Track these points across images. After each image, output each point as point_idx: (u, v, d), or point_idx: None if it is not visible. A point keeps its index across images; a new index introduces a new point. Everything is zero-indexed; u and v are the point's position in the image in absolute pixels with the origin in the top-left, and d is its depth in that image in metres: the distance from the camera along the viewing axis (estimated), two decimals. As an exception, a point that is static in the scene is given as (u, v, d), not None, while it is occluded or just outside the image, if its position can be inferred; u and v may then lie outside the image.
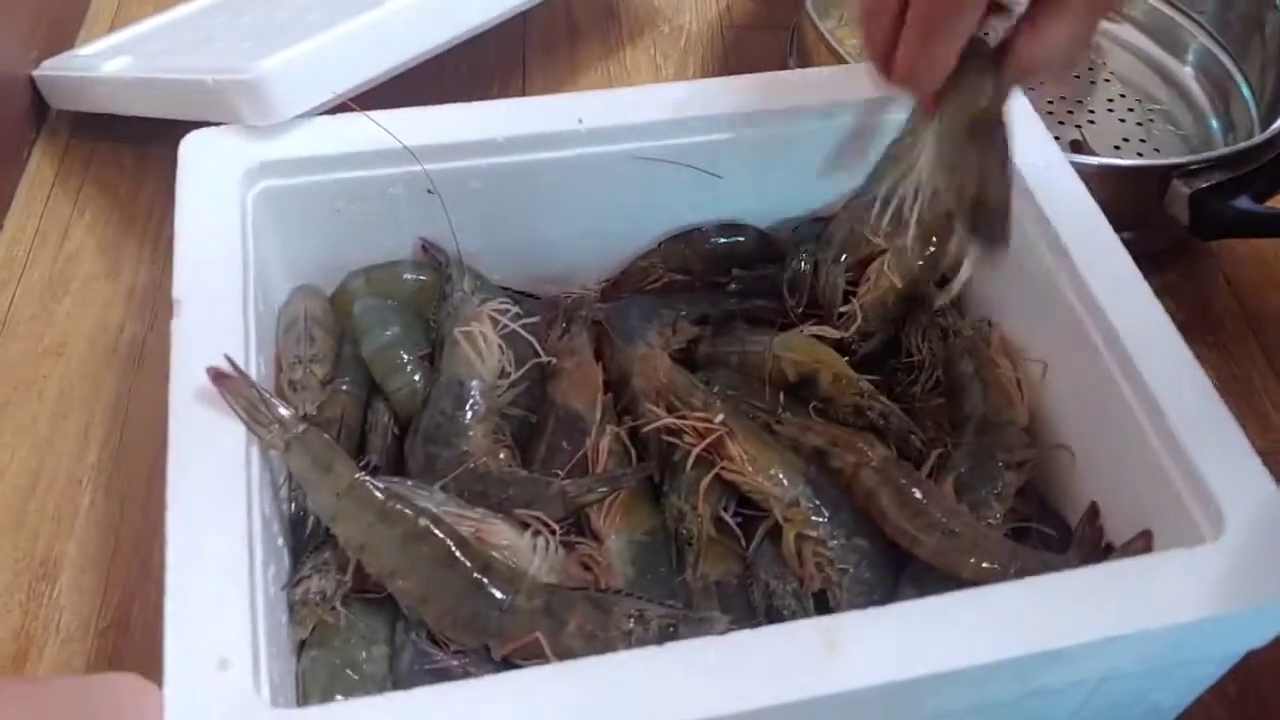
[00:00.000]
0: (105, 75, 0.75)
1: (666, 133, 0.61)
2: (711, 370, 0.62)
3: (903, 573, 0.53)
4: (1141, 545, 0.49)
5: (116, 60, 0.76)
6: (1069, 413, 0.56)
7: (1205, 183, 0.69)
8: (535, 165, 0.60)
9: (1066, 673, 0.44)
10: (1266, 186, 0.70)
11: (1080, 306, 0.54)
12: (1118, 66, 0.88)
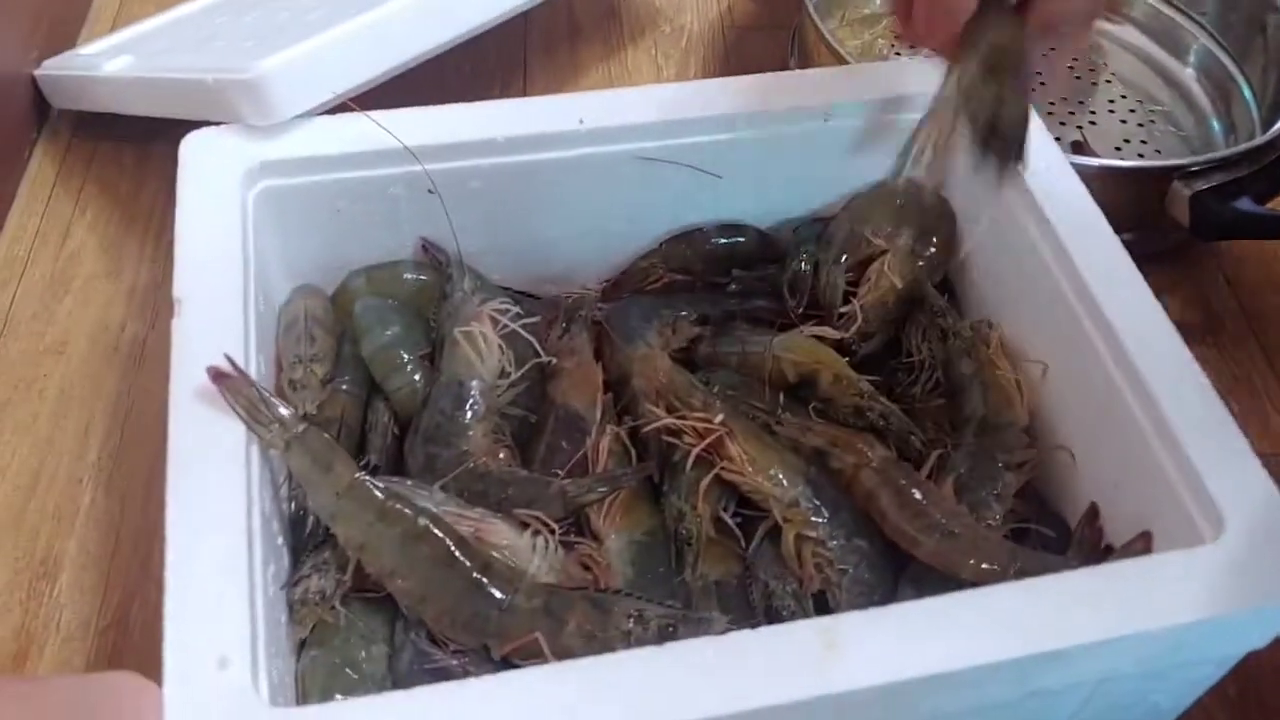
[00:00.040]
0: (107, 75, 0.75)
1: (667, 133, 0.61)
2: (711, 370, 0.62)
3: (902, 573, 0.53)
4: (1141, 546, 0.49)
5: (118, 60, 0.76)
6: (1069, 414, 0.56)
7: (1206, 184, 0.69)
8: (536, 165, 0.60)
9: (1066, 674, 0.44)
10: (1267, 188, 0.70)
11: (1080, 308, 0.53)
12: (1119, 67, 0.88)
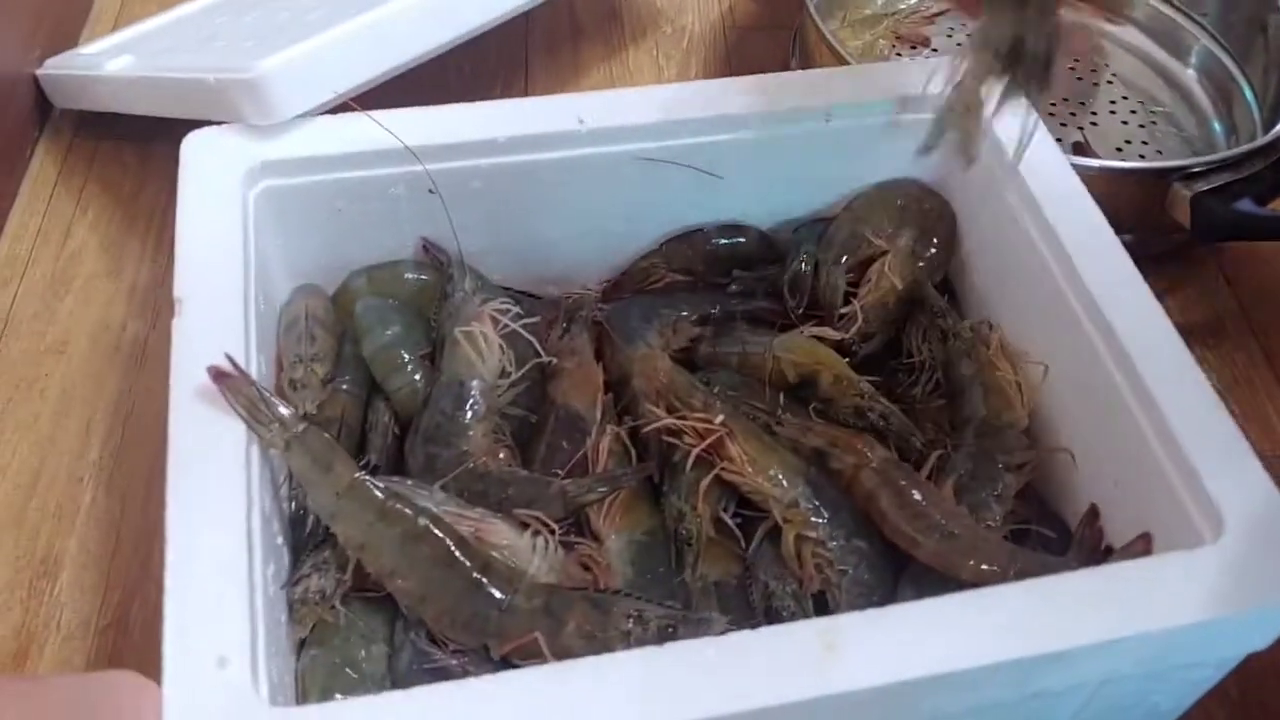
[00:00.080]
0: (108, 74, 0.75)
1: (668, 133, 0.61)
2: (712, 371, 0.62)
3: (902, 574, 0.53)
4: (1141, 548, 0.49)
5: (119, 59, 0.76)
6: (1069, 415, 0.56)
7: (1207, 185, 0.68)
8: (537, 165, 0.60)
9: (1066, 675, 0.44)
10: (1268, 189, 0.70)
11: (1081, 309, 0.53)
12: (1120, 68, 0.88)
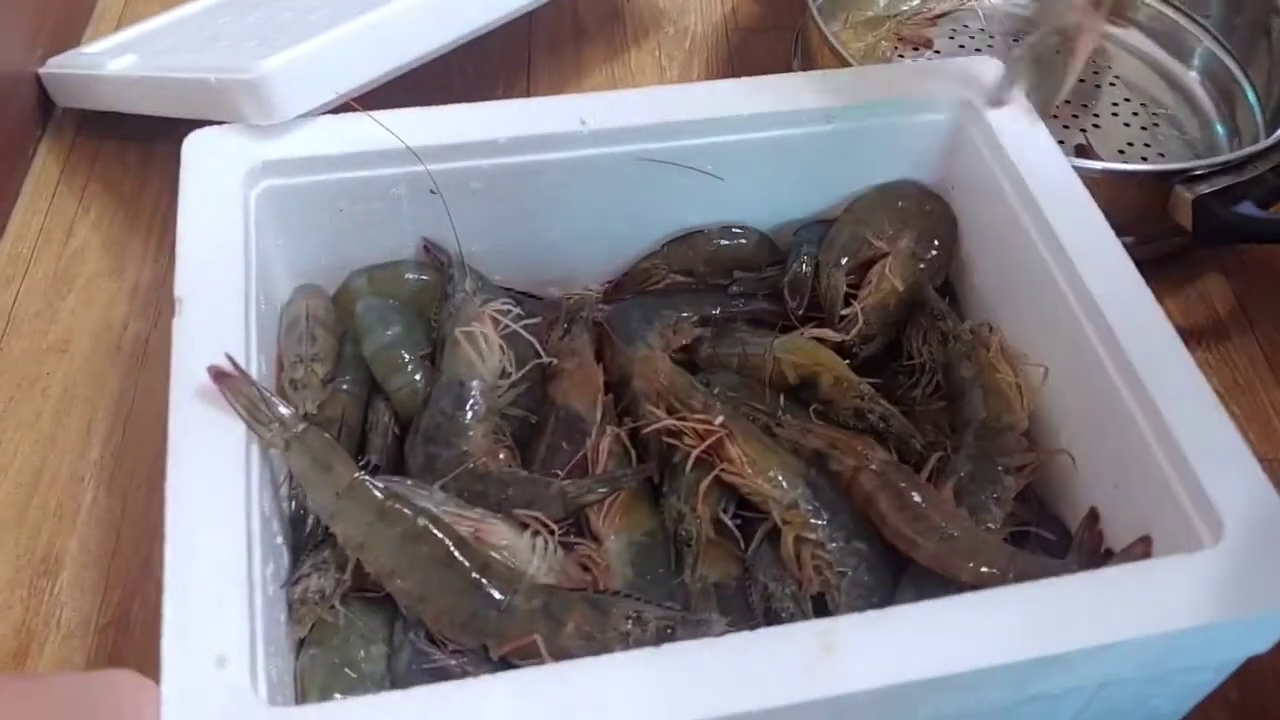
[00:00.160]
0: (110, 73, 0.75)
1: (670, 134, 0.61)
2: (712, 372, 0.62)
3: (902, 576, 0.53)
4: (1141, 551, 0.49)
5: (122, 58, 0.76)
6: (1069, 417, 0.56)
7: (1209, 188, 0.68)
8: (538, 166, 0.60)
9: (1065, 678, 0.44)
10: (1270, 192, 0.70)
11: (1081, 311, 0.53)
12: (1123, 71, 0.88)
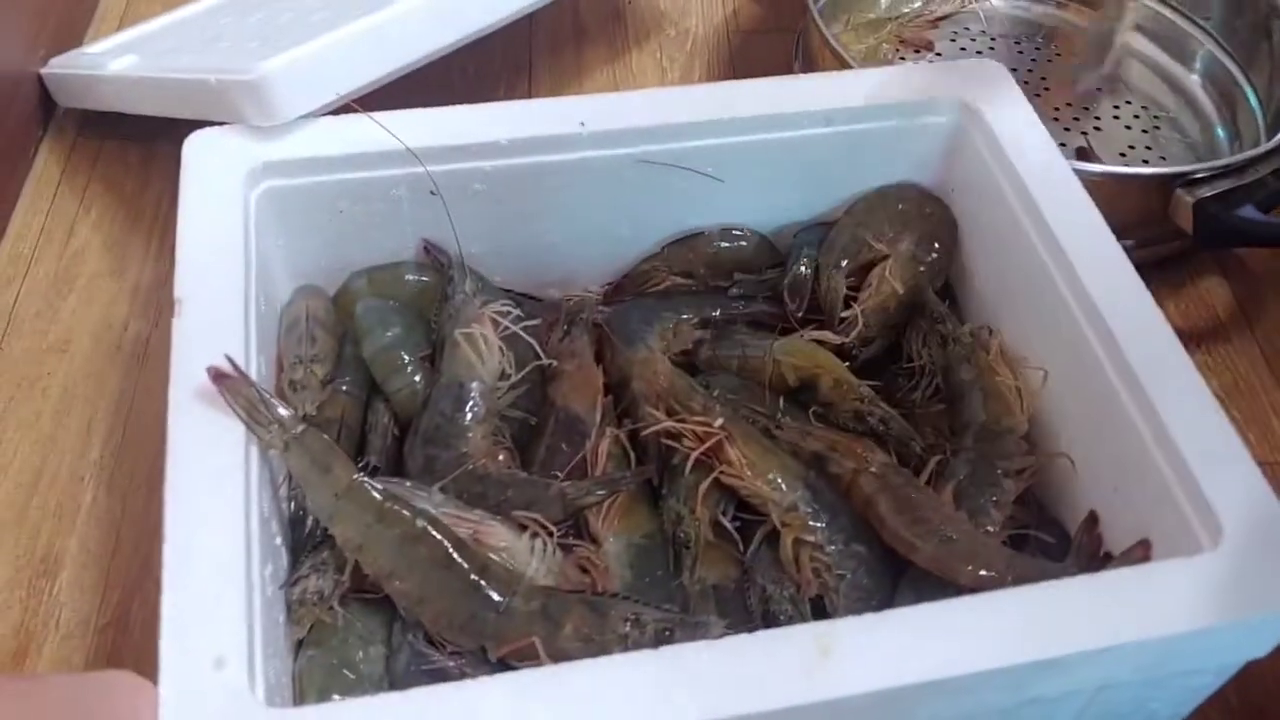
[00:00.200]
0: (112, 74, 0.75)
1: (670, 136, 0.61)
2: (712, 374, 0.62)
3: (901, 579, 0.53)
4: (1140, 554, 0.49)
5: (123, 59, 0.76)
6: (1069, 420, 0.56)
7: (1210, 191, 0.68)
8: (539, 168, 0.60)
9: (1063, 681, 0.44)
10: (1271, 196, 0.70)
11: (1081, 314, 0.53)
12: (1125, 73, 0.88)
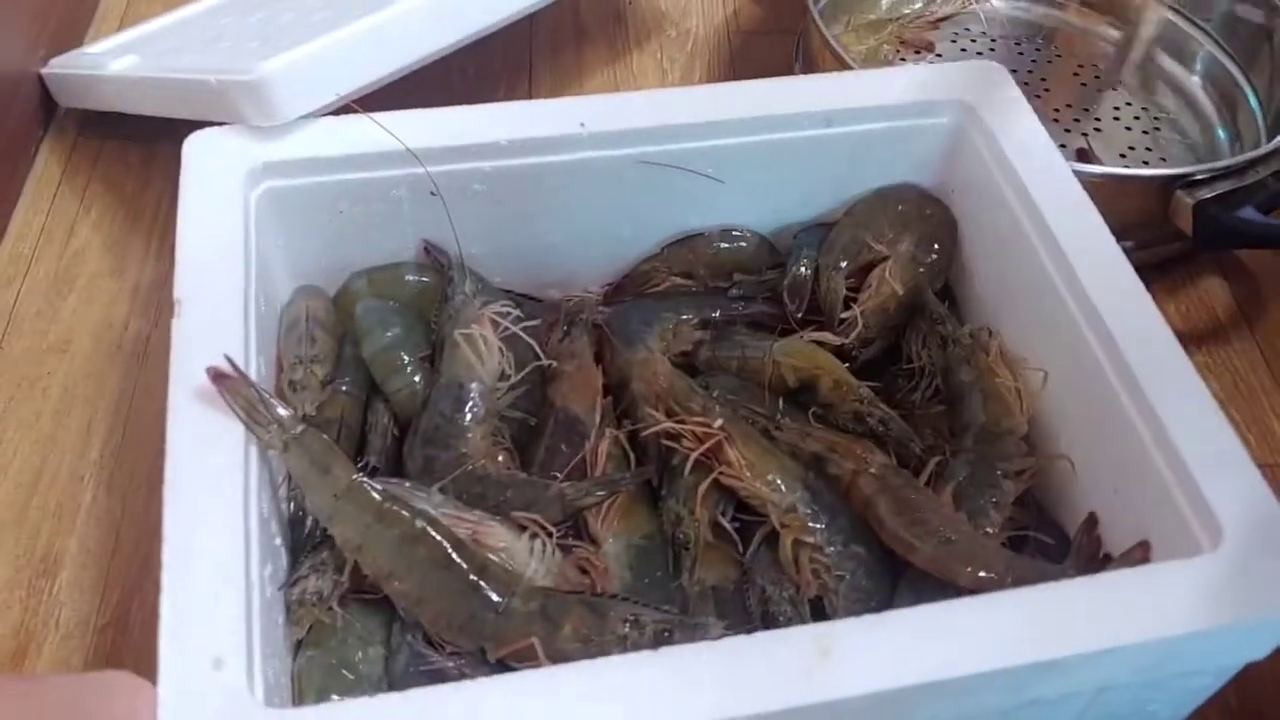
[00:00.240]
0: (112, 74, 0.75)
1: (670, 137, 0.61)
2: (711, 375, 0.62)
3: (900, 580, 0.53)
4: (1139, 555, 0.49)
5: (124, 59, 0.76)
6: (1068, 422, 0.56)
7: (1210, 193, 0.68)
8: (539, 168, 0.60)
9: (1063, 683, 0.44)
10: (1271, 197, 0.70)
11: (1081, 316, 0.53)
12: (1124, 75, 0.87)
